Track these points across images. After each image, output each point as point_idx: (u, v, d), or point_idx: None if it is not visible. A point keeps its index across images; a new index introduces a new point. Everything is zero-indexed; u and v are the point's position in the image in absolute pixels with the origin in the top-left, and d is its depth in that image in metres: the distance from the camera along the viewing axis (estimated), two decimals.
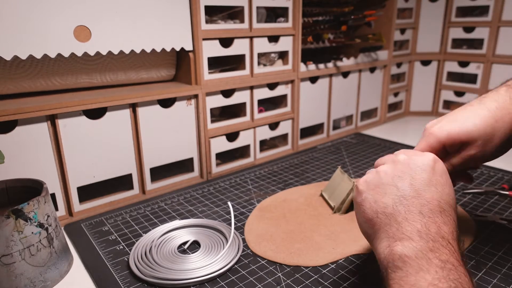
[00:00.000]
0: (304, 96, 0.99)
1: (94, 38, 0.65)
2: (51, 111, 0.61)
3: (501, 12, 1.12)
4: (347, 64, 1.07)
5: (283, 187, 0.79)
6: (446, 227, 0.37)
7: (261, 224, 0.64)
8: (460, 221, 0.63)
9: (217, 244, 0.58)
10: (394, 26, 1.17)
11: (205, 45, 0.77)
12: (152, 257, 0.54)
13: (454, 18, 1.22)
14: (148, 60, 0.77)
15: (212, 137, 0.83)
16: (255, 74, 0.87)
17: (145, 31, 0.70)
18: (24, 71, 0.64)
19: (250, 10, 0.82)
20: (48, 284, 0.51)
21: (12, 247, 0.47)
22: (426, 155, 0.43)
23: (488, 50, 1.15)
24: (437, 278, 0.33)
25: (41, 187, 0.52)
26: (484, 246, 0.57)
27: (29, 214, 0.48)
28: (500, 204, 0.70)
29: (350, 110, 1.15)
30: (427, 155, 0.43)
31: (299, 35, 0.92)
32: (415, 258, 0.35)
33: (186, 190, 0.78)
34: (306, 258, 0.55)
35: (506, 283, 0.49)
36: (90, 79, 0.72)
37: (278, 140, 1.00)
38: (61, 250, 0.53)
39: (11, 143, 0.59)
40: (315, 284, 0.50)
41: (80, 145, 0.66)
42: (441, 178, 0.41)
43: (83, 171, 0.68)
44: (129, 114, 0.71)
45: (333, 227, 0.63)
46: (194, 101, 0.79)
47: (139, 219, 0.67)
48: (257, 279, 0.51)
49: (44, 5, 0.59)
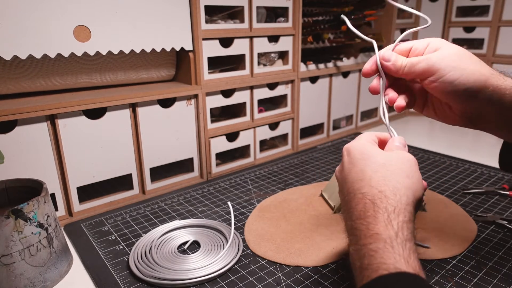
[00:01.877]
0: (304, 96, 0.99)
1: (94, 38, 0.65)
2: (51, 111, 0.61)
3: (501, 12, 1.12)
4: (347, 64, 1.07)
5: (283, 187, 0.79)
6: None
7: (261, 224, 0.64)
8: (460, 221, 0.63)
9: (217, 244, 0.58)
10: (394, 26, 1.17)
11: (205, 45, 0.77)
12: (152, 257, 0.54)
13: (454, 18, 1.22)
14: (148, 60, 0.77)
15: (212, 137, 0.83)
16: (255, 74, 0.87)
17: (145, 31, 0.70)
18: (24, 71, 0.64)
19: (250, 10, 0.82)
20: (48, 284, 0.51)
21: (12, 247, 0.47)
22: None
23: (488, 50, 1.15)
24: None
25: (41, 187, 0.52)
26: (484, 246, 0.57)
27: (29, 214, 0.48)
28: (500, 204, 0.70)
29: (350, 110, 1.15)
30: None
31: (299, 35, 0.92)
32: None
33: (186, 190, 0.78)
34: (306, 258, 0.55)
35: (506, 283, 0.49)
36: (90, 79, 0.72)
37: (278, 140, 1.00)
38: (61, 250, 0.53)
39: (11, 143, 0.59)
40: (315, 284, 0.50)
41: (80, 145, 0.66)
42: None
43: (83, 171, 0.68)
44: (129, 114, 0.71)
45: (333, 227, 0.62)
46: (194, 101, 0.79)
47: (139, 219, 0.67)
48: (257, 279, 0.51)
49: (44, 5, 0.59)
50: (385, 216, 0.36)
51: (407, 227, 0.36)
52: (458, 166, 0.88)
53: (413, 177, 0.40)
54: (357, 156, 0.43)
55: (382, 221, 0.36)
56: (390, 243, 0.34)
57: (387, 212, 0.37)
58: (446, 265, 0.53)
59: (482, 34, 1.16)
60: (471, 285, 0.49)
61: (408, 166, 0.41)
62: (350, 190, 0.41)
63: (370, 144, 0.44)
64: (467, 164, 0.89)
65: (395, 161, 0.41)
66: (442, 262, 0.53)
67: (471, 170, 0.85)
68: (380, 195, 0.38)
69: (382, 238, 0.35)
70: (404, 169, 0.40)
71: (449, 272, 0.51)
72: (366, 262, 0.35)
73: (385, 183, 0.39)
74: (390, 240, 0.35)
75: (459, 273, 0.51)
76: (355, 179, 0.41)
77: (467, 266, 0.52)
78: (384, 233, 0.35)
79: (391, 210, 0.37)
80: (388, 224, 0.36)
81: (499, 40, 1.14)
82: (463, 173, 0.84)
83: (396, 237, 0.35)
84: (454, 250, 0.56)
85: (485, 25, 1.15)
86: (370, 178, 0.40)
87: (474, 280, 0.50)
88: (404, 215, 0.37)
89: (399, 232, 0.35)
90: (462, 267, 0.52)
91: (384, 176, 0.39)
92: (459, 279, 0.50)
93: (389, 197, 0.38)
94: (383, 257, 0.34)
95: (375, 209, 0.37)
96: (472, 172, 0.84)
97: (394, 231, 0.35)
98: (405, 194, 0.38)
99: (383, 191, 0.38)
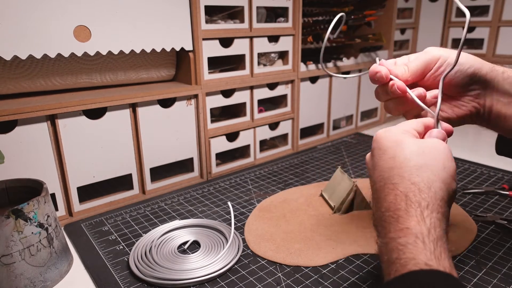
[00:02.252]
0: (304, 96, 0.99)
1: (94, 38, 0.65)
2: (51, 111, 0.61)
3: (501, 12, 1.12)
4: (347, 64, 1.07)
5: (283, 187, 0.79)
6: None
7: (261, 224, 0.64)
8: (460, 221, 0.63)
9: (217, 244, 0.58)
10: (394, 26, 1.17)
11: (205, 45, 0.77)
12: (152, 257, 0.54)
13: (454, 18, 1.22)
14: (148, 60, 0.77)
15: (212, 137, 0.83)
16: (255, 74, 0.87)
17: (145, 31, 0.70)
18: (24, 71, 0.64)
19: (250, 10, 0.82)
20: (48, 284, 0.51)
21: (12, 247, 0.47)
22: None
23: (488, 50, 1.16)
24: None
25: (41, 187, 0.52)
26: (484, 246, 0.57)
27: (29, 214, 0.48)
28: (500, 204, 0.70)
29: (350, 110, 1.15)
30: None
31: (299, 35, 0.92)
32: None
33: (186, 190, 0.78)
34: (306, 258, 0.55)
35: (506, 283, 0.49)
36: (90, 79, 0.72)
37: (278, 140, 1.00)
38: (61, 250, 0.53)
39: (11, 143, 0.59)
40: (315, 284, 0.50)
41: (80, 145, 0.66)
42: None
43: (83, 171, 0.68)
44: (129, 114, 0.71)
45: (333, 227, 0.63)
46: (194, 101, 0.79)
47: (139, 219, 0.67)
48: (257, 279, 0.51)
49: (44, 5, 0.59)
50: (418, 211, 0.34)
51: (440, 225, 0.34)
52: (458, 166, 0.88)
53: (450, 168, 0.37)
54: (388, 144, 0.40)
55: (414, 216, 0.34)
56: (422, 239, 0.33)
57: (420, 207, 0.35)
58: None
59: (482, 34, 1.17)
60: (471, 285, 0.49)
61: (445, 156, 0.38)
62: (379, 179, 0.39)
63: (403, 132, 0.41)
64: (467, 164, 0.89)
65: (429, 149, 0.38)
66: None
67: (471, 170, 0.85)
68: (413, 188, 0.36)
69: (413, 233, 0.33)
70: (440, 159, 0.37)
71: None
72: (395, 256, 0.33)
73: (419, 174, 0.36)
74: (422, 236, 0.33)
75: (459, 273, 0.51)
76: (385, 168, 0.38)
77: (467, 266, 0.52)
78: (415, 229, 0.33)
79: (425, 205, 0.35)
80: (420, 221, 0.34)
81: (499, 40, 1.14)
82: (463, 173, 0.84)
83: (429, 234, 0.33)
84: (454, 250, 0.56)
85: (485, 25, 1.15)
86: (401, 166, 0.37)
87: (474, 280, 0.50)
88: (438, 211, 0.35)
89: (431, 229, 0.33)
90: (462, 267, 0.52)
91: (418, 166, 0.37)
92: (459, 279, 0.50)
93: (423, 191, 0.35)
94: (413, 252, 0.32)
95: (407, 203, 0.35)
96: (472, 172, 0.84)
97: (427, 228, 0.33)
98: (440, 188, 0.36)
99: (417, 183, 0.36)
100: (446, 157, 0.38)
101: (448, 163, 0.38)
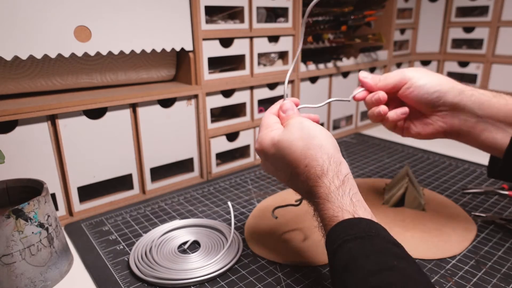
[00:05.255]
0: (304, 96, 0.99)
1: (94, 38, 0.65)
2: (51, 111, 0.61)
3: (501, 12, 1.12)
4: (347, 64, 1.07)
5: (283, 187, 0.79)
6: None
7: (261, 224, 0.64)
8: (460, 221, 0.63)
9: (217, 244, 0.58)
10: (394, 26, 1.17)
11: (205, 45, 0.77)
12: (152, 257, 0.55)
13: (454, 18, 1.22)
14: (148, 60, 0.77)
15: (212, 137, 0.83)
16: (255, 74, 0.87)
17: (145, 31, 0.70)
18: (24, 71, 0.64)
19: (250, 10, 0.82)
20: (49, 284, 0.51)
21: (12, 247, 0.47)
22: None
23: (488, 50, 1.16)
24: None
25: (41, 187, 0.52)
26: (484, 246, 0.57)
27: (29, 214, 0.48)
28: (500, 204, 0.70)
29: (350, 110, 1.15)
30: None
31: (299, 35, 0.92)
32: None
33: (186, 190, 0.78)
34: (306, 257, 0.55)
35: (506, 283, 0.49)
36: (90, 79, 0.72)
37: None
38: (61, 250, 0.54)
39: (11, 143, 0.59)
40: (315, 284, 0.50)
41: (80, 145, 0.66)
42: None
43: (83, 171, 0.68)
44: (129, 114, 0.71)
45: None
46: (194, 101, 0.79)
47: (139, 219, 0.67)
48: (257, 279, 0.51)
49: (44, 5, 0.59)
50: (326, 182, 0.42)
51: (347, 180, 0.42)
52: (457, 166, 0.88)
53: (315, 136, 0.45)
54: (271, 151, 0.47)
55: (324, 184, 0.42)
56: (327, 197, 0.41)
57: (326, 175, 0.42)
58: (445, 264, 0.53)
59: (481, 34, 1.17)
60: (471, 285, 0.49)
61: (303, 132, 0.45)
62: (287, 171, 0.46)
63: (271, 131, 0.48)
64: (467, 164, 0.89)
65: (292, 137, 0.45)
66: (442, 261, 0.54)
67: (471, 170, 0.85)
68: (314, 164, 0.43)
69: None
70: (305, 137, 0.45)
71: (449, 272, 0.51)
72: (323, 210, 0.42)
73: (305, 157, 0.44)
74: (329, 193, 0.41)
75: (459, 272, 0.51)
76: (285, 163, 0.46)
77: (466, 266, 0.52)
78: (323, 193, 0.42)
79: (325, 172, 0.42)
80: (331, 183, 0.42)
81: (498, 40, 1.14)
82: (463, 173, 0.84)
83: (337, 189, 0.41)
84: (454, 250, 0.56)
85: (485, 25, 1.15)
86: (289, 164, 0.45)
87: (473, 280, 0.50)
88: (335, 171, 0.42)
89: (339, 187, 0.41)
90: (462, 266, 0.52)
91: (301, 152, 0.44)
92: (459, 278, 0.50)
93: (313, 166, 0.43)
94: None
95: (318, 175, 0.43)
96: (472, 172, 0.84)
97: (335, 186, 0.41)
98: (324, 155, 0.43)
99: (311, 160, 0.43)
100: (302, 131, 0.45)
101: (309, 134, 0.45)
